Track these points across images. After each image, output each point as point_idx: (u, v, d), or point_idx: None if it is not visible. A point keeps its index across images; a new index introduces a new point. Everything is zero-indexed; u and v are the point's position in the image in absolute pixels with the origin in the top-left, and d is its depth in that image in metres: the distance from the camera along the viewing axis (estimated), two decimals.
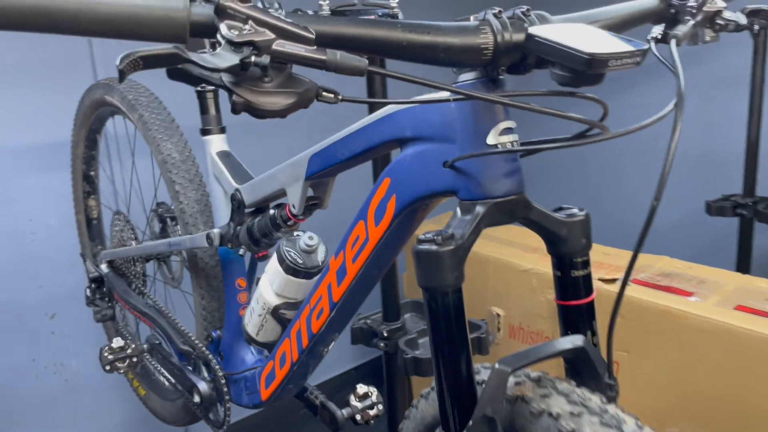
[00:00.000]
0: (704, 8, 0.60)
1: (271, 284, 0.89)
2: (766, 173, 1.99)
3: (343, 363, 2.38)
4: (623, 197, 2.57)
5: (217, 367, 1.03)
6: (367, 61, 0.45)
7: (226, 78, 0.43)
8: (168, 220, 1.20)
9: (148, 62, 0.40)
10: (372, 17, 0.50)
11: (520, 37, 0.51)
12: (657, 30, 0.63)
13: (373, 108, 1.34)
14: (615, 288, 1.52)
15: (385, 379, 1.36)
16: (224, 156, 1.01)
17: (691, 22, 0.59)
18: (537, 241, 2.11)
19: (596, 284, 1.57)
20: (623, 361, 1.53)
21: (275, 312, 0.90)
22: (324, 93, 0.47)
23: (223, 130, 1.05)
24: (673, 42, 0.55)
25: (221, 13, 0.42)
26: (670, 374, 1.41)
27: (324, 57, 0.44)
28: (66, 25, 0.38)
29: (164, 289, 1.34)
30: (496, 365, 0.56)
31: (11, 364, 1.72)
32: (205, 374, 1.06)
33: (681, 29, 0.58)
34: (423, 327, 1.32)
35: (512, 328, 1.84)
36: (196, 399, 1.05)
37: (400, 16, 1.15)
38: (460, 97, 0.50)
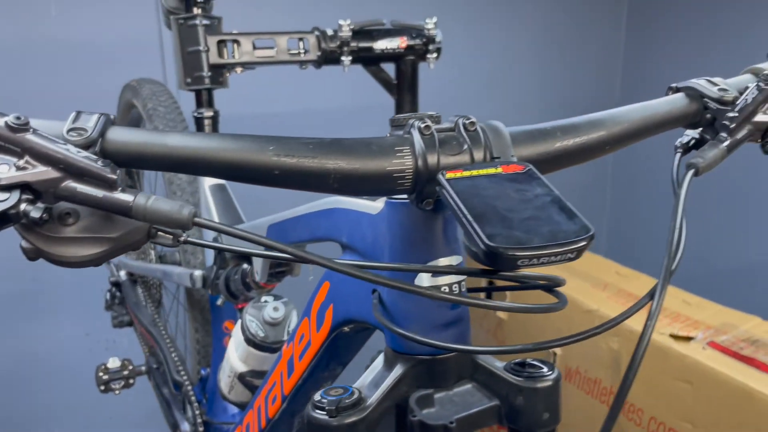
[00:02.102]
0: (754, 119, 0.41)
1: (236, 350, 0.80)
2: None
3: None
4: (719, 235, 2.25)
5: (197, 412, 0.96)
6: (192, 212, 0.33)
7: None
8: None
9: None
10: (246, 137, 0.36)
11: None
12: (691, 134, 0.45)
13: (402, 102, 1.16)
14: (689, 350, 1.32)
15: None
16: (217, 191, 0.92)
17: (726, 144, 0.41)
18: (611, 274, 1.88)
19: (666, 341, 1.36)
20: None
21: (242, 378, 0.81)
22: (160, 234, 0.36)
23: None
24: (688, 175, 0.38)
25: None
26: None
27: (130, 202, 0.32)
28: None
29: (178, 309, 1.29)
30: None
31: (67, 336, 1.79)
32: (190, 414, 1.00)
33: (706, 154, 0.40)
34: None
35: (569, 370, 1.67)
36: None
37: (438, 37, 0.99)
38: (319, 261, 0.36)
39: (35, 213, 0.31)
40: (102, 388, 1.09)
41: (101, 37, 1.58)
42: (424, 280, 0.42)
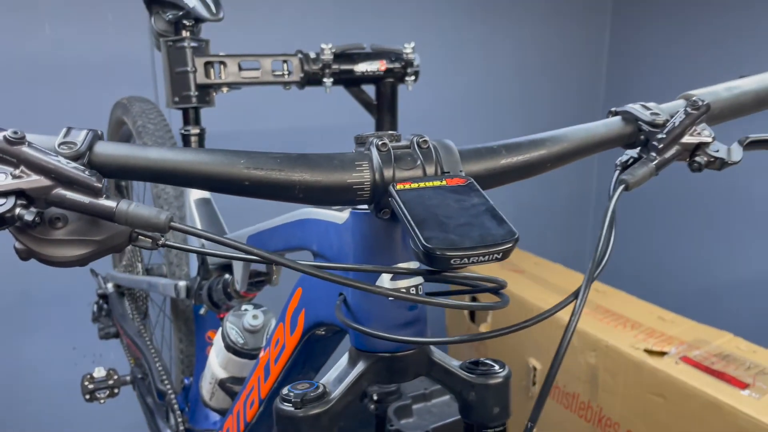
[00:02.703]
0: (682, 140, 0.46)
1: (216, 356, 0.83)
2: None
3: None
4: (697, 256, 2.31)
5: (180, 420, 0.99)
6: (168, 217, 0.37)
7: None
8: None
9: None
10: (220, 152, 0.40)
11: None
12: (630, 153, 0.50)
13: (382, 122, 1.21)
14: (662, 365, 1.36)
15: None
16: (202, 204, 0.96)
17: (655, 162, 0.45)
18: (592, 291, 1.93)
19: (640, 356, 1.40)
20: None
21: (222, 384, 0.85)
22: (141, 238, 0.40)
23: None
24: (618, 190, 0.42)
25: None
26: None
27: (113, 207, 0.36)
28: None
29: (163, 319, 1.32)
30: None
31: (54, 350, 1.82)
32: (172, 423, 1.03)
33: (637, 171, 0.44)
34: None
35: None
36: None
37: (416, 61, 1.04)
38: (285, 262, 0.40)
39: (29, 216, 0.35)
40: (87, 396, 1.12)
41: (94, 55, 1.63)
42: (384, 282, 0.46)
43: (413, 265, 0.47)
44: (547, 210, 2.49)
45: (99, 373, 1.12)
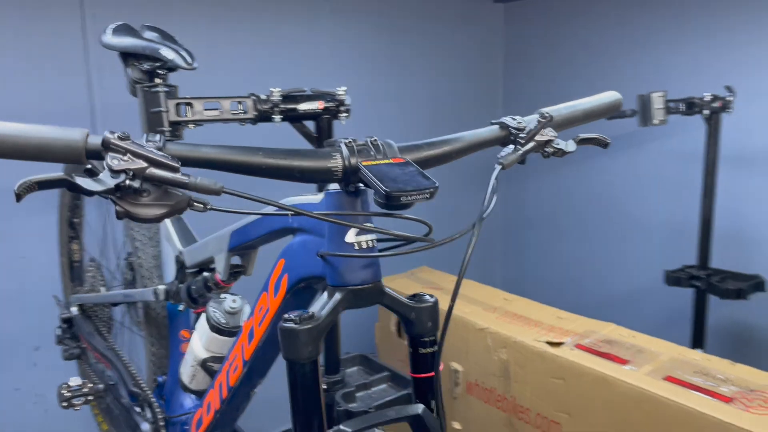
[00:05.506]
0: (536, 138, 0.72)
1: (200, 339, 1.01)
2: (720, 247, 2.08)
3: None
4: (590, 263, 2.68)
5: (158, 410, 1.14)
6: (221, 185, 0.58)
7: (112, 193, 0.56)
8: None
9: (42, 186, 0.52)
10: (245, 147, 0.62)
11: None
12: (506, 149, 0.75)
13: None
14: (560, 352, 1.61)
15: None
16: (175, 220, 1.15)
17: (520, 152, 0.71)
18: (500, 300, 2.20)
19: (543, 347, 1.66)
20: (565, 422, 1.62)
21: (204, 364, 1.02)
22: (195, 203, 0.60)
23: None
24: (497, 168, 0.68)
25: (106, 146, 0.55)
26: None
27: (186, 180, 0.57)
28: None
29: (127, 334, 1.46)
30: (340, 427, 0.66)
31: None
32: (149, 416, 1.17)
33: (508, 157, 0.70)
34: (364, 381, 1.42)
35: (470, 384, 1.93)
36: None
37: (348, 101, 1.29)
38: (301, 211, 0.62)
39: (135, 184, 0.55)
40: (65, 404, 1.24)
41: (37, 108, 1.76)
42: (351, 237, 0.68)
43: (369, 225, 0.69)
44: (486, 237, 2.79)
45: (75, 381, 1.25)
